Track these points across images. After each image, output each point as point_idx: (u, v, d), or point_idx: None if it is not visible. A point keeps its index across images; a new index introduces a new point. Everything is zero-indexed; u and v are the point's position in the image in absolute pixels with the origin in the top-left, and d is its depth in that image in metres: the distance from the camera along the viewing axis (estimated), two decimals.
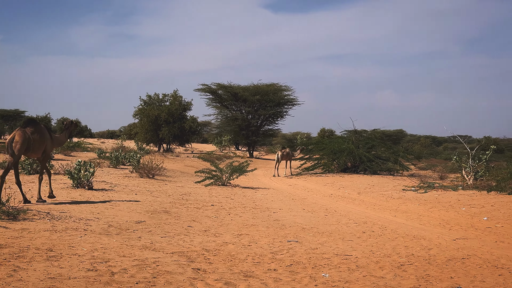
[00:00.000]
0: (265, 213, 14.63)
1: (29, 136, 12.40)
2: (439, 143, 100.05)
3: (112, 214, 11.89)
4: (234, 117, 57.46)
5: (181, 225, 11.46)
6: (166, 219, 12.07)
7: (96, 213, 11.84)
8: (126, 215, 11.96)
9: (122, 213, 12.20)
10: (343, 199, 19.40)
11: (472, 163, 23.64)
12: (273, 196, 19.56)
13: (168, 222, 11.74)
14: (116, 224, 10.64)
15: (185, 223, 11.79)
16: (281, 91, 58.23)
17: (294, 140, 72.05)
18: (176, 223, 11.73)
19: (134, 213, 12.50)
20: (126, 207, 13.25)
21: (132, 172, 23.88)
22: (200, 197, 17.58)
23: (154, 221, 11.66)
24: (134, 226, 10.68)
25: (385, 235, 11.39)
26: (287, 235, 10.94)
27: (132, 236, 9.64)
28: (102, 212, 11.99)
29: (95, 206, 12.98)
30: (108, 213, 12.04)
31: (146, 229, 10.48)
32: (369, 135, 34.85)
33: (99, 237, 9.19)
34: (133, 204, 14.05)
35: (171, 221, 11.94)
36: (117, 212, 12.34)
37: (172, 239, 9.69)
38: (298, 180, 28.68)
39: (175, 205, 14.77)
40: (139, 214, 12.43)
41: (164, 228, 10.91)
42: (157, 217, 12.29)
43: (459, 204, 16.53)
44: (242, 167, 22.76)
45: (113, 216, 11.61)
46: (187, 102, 54.51)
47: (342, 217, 14.21)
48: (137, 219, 11.66)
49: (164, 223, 11.47)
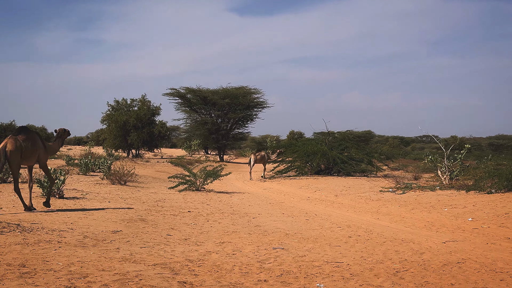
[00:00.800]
0: (245, 218, 14.15)
1: (20, 143, 12.45)
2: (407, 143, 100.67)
3: (87, 224, 11.30)
4: (204, 121, 56.96)
5: (159, 234, 10.93)
6: (143, 228, 11.52)
7: (69, 223, 11.24)
8: (101, 225, 11.39)
9: (96, 223, 11.62)
10: (321, 202, 19.00)
11: (447, 162, 23.46)
12: (250, 200, 19.08)
13: (145, 230, 11.20)
14: (92, 235, 10.06)
15: (164, 231, 11.26)
16: (251, 94, 57.93)
17: (263, 143, 71.62)
18: (154, 231, 11.19)
19: (110, 222, 11.93)
20: (101, 216, 12.67)
21: (103, 179, 23.21)
22: (175, 203, 17.04)
23: (131, 230, 11.11)
24: (111, 236, 10.12)
25: (372, 239, 10.99)
26: (271, 242, 10.47)
27: (109, 247, 9.08)
28: (76, 222, 11.40)
29: (67, 215, 12.38)
30: (82, 223, 11.45)
31: (123, 239, 9.94)
32: (342, 136, 34.45)
33: (75, 249, 8.62)
34: (107, 212, 13.47)
35: (148, 229, 11.40)
36: (91, 221, 11.76)
37: (152, 249, 9.16)
38: (272, 183, 28.27)
39: (151, 213, 14.22)
40: (114, 223, 11.86)
41: (142, 237, 10.37)
42: (133, 225, 11.73)
43: (440, 205, 16.24)
44: (216, 172, 22.24)
45: (87, 226, 11.03)
46: (155, 107, 53.88)
47: (324, 221, 13.79)
48: (113, 228, 11.10)
49: (141, 232, 10.93)
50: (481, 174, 18.74)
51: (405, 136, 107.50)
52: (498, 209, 14.37)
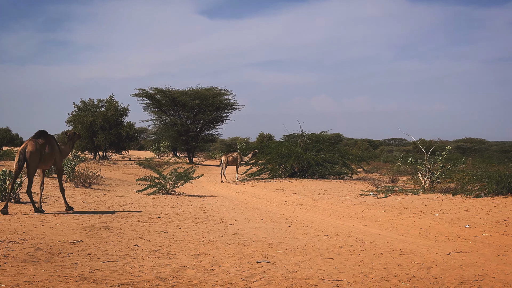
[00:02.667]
0: (220, 225, 12.86)
1: (40, 146, 12.81)
2: (375, 146, 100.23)
3: (42, 233, 9.90)
4: (173, 122, 55.43)
5: (126, 244, 9.58)
6: (107, 237, 10.14)
7: (21, 232, 9.83)
8: (58, 234, 9.99)
9: (53, 231, 10.22)
10: (300, 206, 17.76)
11: (428, 165, 22.44)
12: (224, 204, 17.78)
13: (110, 240, 9.83)
14: (46, 247, 8.66)
15: (131, 241, 9.91)
16: (221, 95, 56.60)
17: (233, 145, 70.36)
18: (120, 241, 9.84)
19: (69, 230, 10.53)
20: (59, 223, 11.27)
21: (66, 181, 21.71)
22: (144, 207, 15.69)
23: (93, 240, 9.73)
24: (69, 248, 8.73)
25: (367, 250, 9.76)
26: (254, 254, 9.19)
27: (66, 262, 7.72)
28: (29, 231, 9.99)
29: (21, 223, 10.95)
30: (37, 231, 10.04)
31: (83, 252, 8.56)
32: (317, 138, 33.25)
33: (23, 266, 7.24)
34: (67, 219, 12.07)
35: (113, 239, 10.04)
36: (47, 230, 10.35)
37: (117, 264, 7.82)
38: (245, 186, 27.00)
39: (117, 219, 12.85)
40: (74, 231, 10.46)
41: (106, 248, 9.02)
42: (96, 234, 10.34)
43: (429, 210, 15.13)
44: (187, 174, 20.91)
45: (42, 236, 9.62)
46: (123, 108, 52.39)
47: (308, 228, 12.54)
48: (72, 238, 9.70)
49: (105, 243, 9.56)
50: (468, 177, 17.69)
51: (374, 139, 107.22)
52: (495, 214, 13.27)
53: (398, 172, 31.73)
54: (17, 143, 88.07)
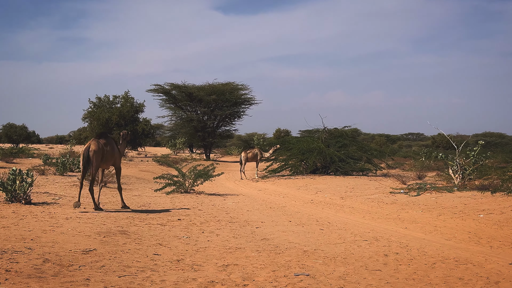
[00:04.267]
0: (246, 228, 11.81)
1: (102, 146, 13.44)
2: (393, 141, 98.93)
3: (51, 240, 8.89)
4: (189, 118, 54.46)
5: (144, 253, 8.55)
6: (123, 245, 9.10)
7: (29, 239, 8.82)
8: (70, 241, 8.97)
9: (65, 238, 9.20)
10: (328, 206, 16.67)
11: (459, 160, 21.23)
12: (247, 204, 16.74)
13: (126, 248, 8.79)
14: (55, 257, 7.62)
15: (150, 249, 8.88)
16: (238, 90, 55.60)
17: (250, 141, 69.33)
18: (138, 249, 8.80)
19: (81, 236, 9.51)
20: (71, 228, 10.26)
21: None
22: (162, 208, 14.69)
23: (108, 248, 8.70)
24: (81, 259, 7.70)
25: (416, 259, 8.64)
26: (289, 264, 8.12)
27: (76, 277, 6.69)
28: (38, 238, 8.98)
29: (30, 227, 9.97)
30: (46, 238, 9.04)
31: (97, 263, 7.53)
32: (340, 133, 32.08)
33: (27, 283, 6.20)
34: (80, 222, 11.06)
35: (130, 246, 9.01)
36: (58, 236, 9.34)
37: (134, 279, 6.79)
38: (266, 183, 25.92)
39: (134, 221, 11.84)
40: (87, 238, 9.43)
41: (123, 259, 7.98)
42: (111, 241, 9.31)
43: (470, 210, 13.98)
44: (207, 172, 19.88)
45: (52, 244, 8.60)
46: (139, 104, 51.67)
47: (343, 232, 11.45)
48: (85, 246, 8.68)
49: (121, 251, 8.52)
50: (509, 174, 16.51)
51: (391, 134, 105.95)
52: None
53: (423, 167, 30.66)
54: (33, 140, 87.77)
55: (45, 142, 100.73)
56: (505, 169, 18.09)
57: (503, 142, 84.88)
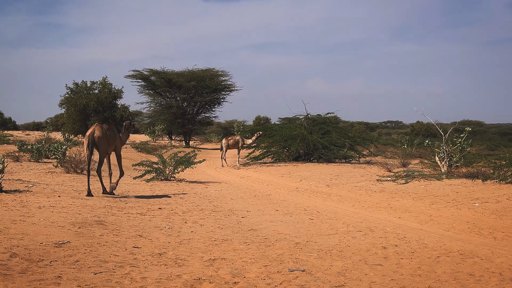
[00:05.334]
0: (232, 218, 11.13)
1: (105, 131, 13.68)
2: (372, 129, 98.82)
3: (21, 232, 8.11)
4: (169, 105, 53.51)
5: (123, 245, 7.83)
6: (100, 236, 8.36)
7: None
8: (41, 232, 8.21)
9: (36, 229, 8.43)
10: (315, 194, 16.04)
11: (446, 147, 20.71)
12: (230, 192, 16.07)
13: (103, 241, 8.05)
14: (24, 251, 6.86)
15: (129, 241, 8.16)
16: (218, 77, 54.68)
17: (230, 128, 68.60)
18: (116, 242, 8.07)
19: (54, 227, 8.74)
20: (44, 218, 9.49)
21: (57, 166, 19.91)
22: (142, 196, 13.97)
23: (83, 240, 7.95)
24: (52, 253, 6.95)
25: (417, 252, 8.01)
26: (281, 258, 7.45)
27: (47, 274, 5.97)
28: (6, 229, 8.18)
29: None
30: (15, 229, 8.25)
31: (70, 258, 6.79)
32: (323, 120, 31.43)
33: None
34: (54, 212, 10.29)
35: (108, 238, 8.27)
36: (28, 227, 8.56)
37: (112, 276, 6.09)
38: (248, 171, 25.24)
39: (112, 211, 11.11)
40: (61, 229, 8.66)
41: (99, 252, 7.25)
42: (87, 232, 8.56)
43: (463, 198, 13.41)
44: (188, 158, 19.16)
45: (21, 236, 7.83)
46: (117, 90, 50.48)
47: (334, 222, 10.81)
48: (58, 238, 7.92)
49: (97, 244, 7.78)
50: (503, 161, 15.97)
51: (370, 122, 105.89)
52: None
53: (405, 155, 30.21)
54: (10, 126, 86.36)
55: (22, 129, 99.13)
56: (496, 156, 17.61)
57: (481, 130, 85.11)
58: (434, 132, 69.63)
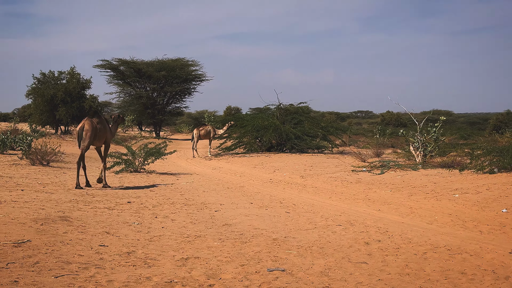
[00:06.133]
0: (204, 212, 10.62)
1: (95, 125, 13.83)
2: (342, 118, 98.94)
3: None
4: (138, 95, 52.73)
5: (88, 244, 7.27)
6: (64, 234, 7.77)
7: None
8: (0, 230, 7.63)
9: None
10: (289, 185, 15.59)
11: (420, 137, 20.44)
12: (202, 184, 15.55)
13: (67, 239, 7.47)
14: None
15: (95, 239, 7.61)
16: (188, 67, 54.02)
17: (201, 118, 67.95)
18: (81, 240, 7.50)
19: (14, 224, 8.13)
20: (4, 214, 8.87)
21: (22, 158, 19.18)
22: (110, 189, 13.42)
23: (45, 238, 7.36)
24: (10, 254, 6.37)
25: (402, 247, 7.57)
26: (259, 257, 6.97)
27: (1, 279, 5.41)
28: None
29: None
30: None
31: (30, 259, 6.21)
32: (295, 110, 30.98)
33: None
34: (15, 207, 9.67)
35: (72, 236, 7.70)
36: None
37: (75, 280, 5.55)
38: (220, 162, 24.72)
39: (78, 205, 10.53)
40: (21, 226, 8.05)
41: (62, 252, 6.69)
42: (50, 230, 7.96)
43: (442, 189, 13.04)
44: (159, 149, 18.59)
45: None
46: (86, 80, 49.43)
47: (312, 215, 10.35)
48: (18, 236, 7.31)
49: (61, 242, 7.20)
50: (480, 151, 15.66)
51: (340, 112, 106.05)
52: None
53: (377, 145, 29.96)
54: None
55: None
56: (472, 145, 17.40)
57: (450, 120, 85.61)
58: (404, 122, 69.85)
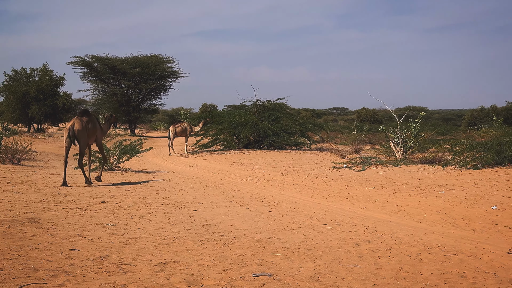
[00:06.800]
0: (183, 211, 10.12)
1: (85, 124, 13.85)
2: (318, 115, 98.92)
3: None
4: (113, 92, 51.95)
5: (58, 248, 6.74)
6: (32, 237, 7.21)
7: None
8: None
9: None
10: (270, 183, 15.13)
11: (401, 133, 20.12)
12: (179, 182, 15.04)
13: (36, 243, 6.91)
14: None
15: (66, 243, 7.06)
16: (163, 63, 53.35)
17: (176, 116, 67.36)
18: (51, 243, 6.96)
19: None
20: None
21: None
22: (83, 188, 12.86)
23: (12, 242, 6.79)
24: None
25: (394, 248, 7.12)
26: (243, 260, 6.49)
27: None
28: None
29: None
30: None
31: None
32: (273, 106, 30.51)
33: None
34: None
35: (41, 239, 7.14)
36: None
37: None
38: (197, 159, 24.19)
39: (49, 206, 9.96)
40: None
41: (29, 258, 6.14)
42: (17, 233, 7.39)
43: (427, 186, 12.66)
44: (134, 147, 18.05)
45: None
46: (59, 77, 48.57)
47: (295, 214, 9.89)
48: None
49: (28, 247, 6.64)
50: (464, 146, 15.32)
51: (316, 109, 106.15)
52: None
53: (355, 141, 29.69)
54: None
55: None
56: (454, 141, 17.20)
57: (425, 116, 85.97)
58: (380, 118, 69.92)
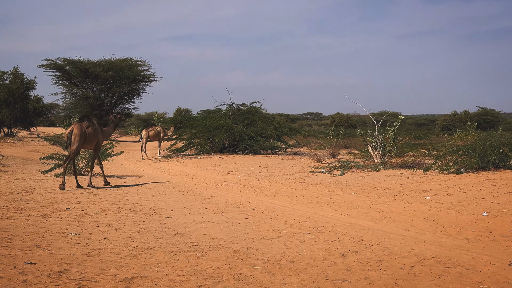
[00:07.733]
0: (154, 218, 9.44)
1: (85, 130, 13.92)
2: (293, 120, 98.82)
3: None
4: (85, 96, 51.06)
5: (12, 261, 6.03)
6: None
7: None
8: None
9: None
10: (246, 188, 14.49)
11: (379, 137, 19.67)
12: (151, 188, 14.34)
13: None
14: None
15: (21, 255, 6.35)
16: (137, 67, 52.66)
17: (150, 120, 66.57)
18: (4, 256, 6.24)
19: None
20: None
21: None
22: (49, 194, 12.09)
23: None
24: None
25: (384, 259, 6.53)
26: (219, 274, 5.83)
27: None
28: None
29: None
30: None
31: None
32: (248, 109, 29.89)
33: None
34: None
35: None
36: None
37: None
38: (170, 163, 23.48)
39: (8, 213, 9.23)
40: None
41: None
42: None
43: (411, 191, 12.12)
44: (104, 151, 17.35)
45: None
46: (30, 80, 47.58)
47: (274, 222, 9.25)
48: None
49: None
50: (446, 150, 14.83)
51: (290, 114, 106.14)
52: (506, 196, 10.32)
53: (331, 145, 29.26)
54: None
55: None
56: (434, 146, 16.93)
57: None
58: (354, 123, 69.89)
